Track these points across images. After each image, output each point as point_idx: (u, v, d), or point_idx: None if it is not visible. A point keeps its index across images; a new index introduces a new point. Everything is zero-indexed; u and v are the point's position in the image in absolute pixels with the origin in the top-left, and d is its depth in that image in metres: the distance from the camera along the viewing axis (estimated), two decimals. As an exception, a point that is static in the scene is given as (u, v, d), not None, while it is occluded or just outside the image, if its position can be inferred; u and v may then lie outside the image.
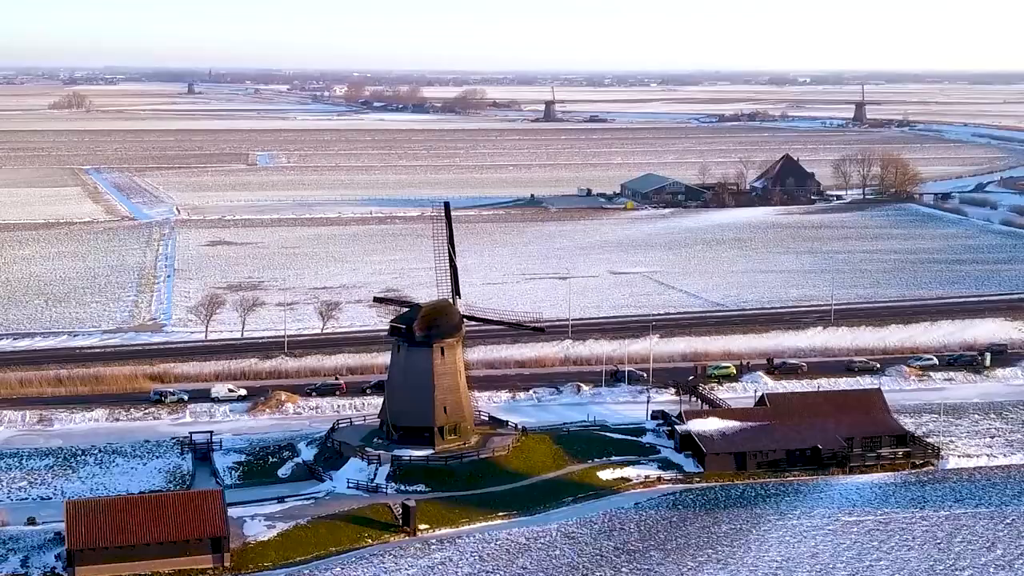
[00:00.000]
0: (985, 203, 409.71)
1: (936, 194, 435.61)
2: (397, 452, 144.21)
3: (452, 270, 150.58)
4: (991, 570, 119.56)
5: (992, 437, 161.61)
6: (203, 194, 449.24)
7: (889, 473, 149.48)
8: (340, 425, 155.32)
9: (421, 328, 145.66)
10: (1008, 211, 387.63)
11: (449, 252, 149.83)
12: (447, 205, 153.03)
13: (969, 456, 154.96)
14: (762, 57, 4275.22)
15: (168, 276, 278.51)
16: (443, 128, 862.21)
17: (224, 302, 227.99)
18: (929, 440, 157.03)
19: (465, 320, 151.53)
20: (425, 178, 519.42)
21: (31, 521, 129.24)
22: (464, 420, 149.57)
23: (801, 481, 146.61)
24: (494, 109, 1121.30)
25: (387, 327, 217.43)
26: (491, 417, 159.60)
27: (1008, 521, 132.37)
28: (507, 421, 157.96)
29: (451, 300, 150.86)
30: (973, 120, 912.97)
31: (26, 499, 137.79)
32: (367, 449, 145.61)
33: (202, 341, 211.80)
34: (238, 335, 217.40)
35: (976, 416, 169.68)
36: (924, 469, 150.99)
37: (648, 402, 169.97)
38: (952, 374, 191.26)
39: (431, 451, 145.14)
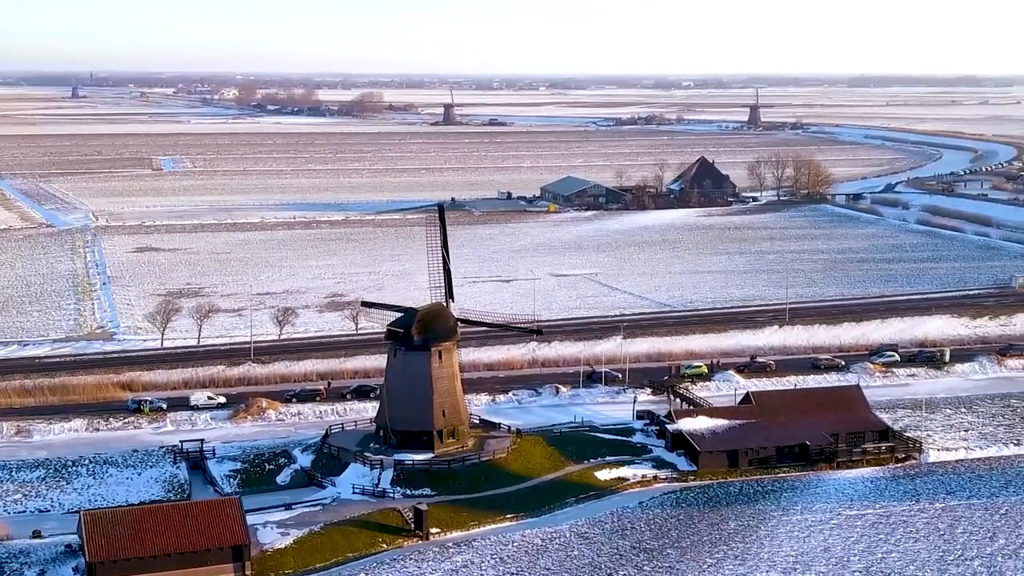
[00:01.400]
0: (897, 203, 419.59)
1: (848, 195, 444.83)
2: (397, 456, 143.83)
3: (446, 273, 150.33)
4: (999, 559, 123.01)
5: (966, 431, 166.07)
6: (115, 200, 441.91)
7: (875, 468, 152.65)
8: (333, 430, 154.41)
9: (419, 332, 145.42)
10: (921, 211, 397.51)
11: (443, 255, 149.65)
12: (441, 208, 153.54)
13: (948, 449, 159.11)
14: (644, 61, 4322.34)
15: (104, 283, 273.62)
16: (344, 131, 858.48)
17: (180, 309, 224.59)
18: (908, 435, 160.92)
19: (459, 323, 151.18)
20: (338, 182, 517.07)
21: (36, 534, 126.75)
22: (461, 423, 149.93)
23: (793, 477, 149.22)
24: (391, 112, 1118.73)
25: (341, 333, 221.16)
26: (482, 420, 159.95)
27: (1003, 512, 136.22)
28: (499, 423, 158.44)
29: (444, 303, 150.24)
30: (859, 122, 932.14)
31: (24, 512, 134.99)
32: (367, 454, 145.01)
33: (162, 349, 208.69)
34: (193, 342, 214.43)
35: (947, 411, 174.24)
36: (907, 463, 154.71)
37: (634, 402, 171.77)
38: (914, 370, 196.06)
39: (431, 455, 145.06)
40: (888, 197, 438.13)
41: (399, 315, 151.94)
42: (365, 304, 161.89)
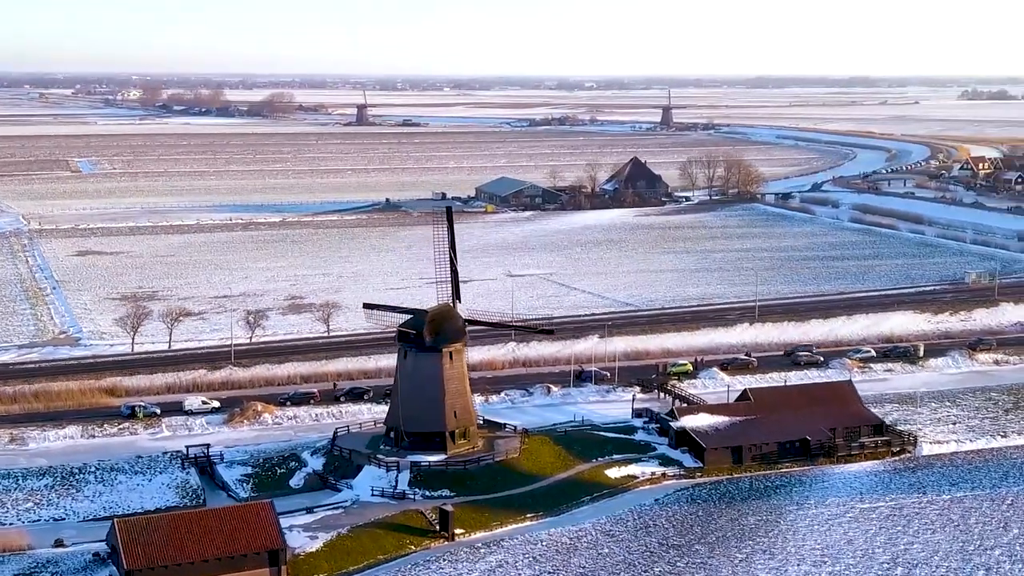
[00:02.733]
0: (826, 202, 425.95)
1: (777, 194, 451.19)
2: (413, 458, 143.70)
3: (453, 274, 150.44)
4: (1018, 548, 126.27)
5: (954, 424, 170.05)
6: (41, 203, 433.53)
7: (873, 462, 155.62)
8: (339, 433, 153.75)
9: (430, 333, 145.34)
10: (852, 209, 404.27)
11: (450, 256, 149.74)
12: (449, 210, 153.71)
13: (940, 443, 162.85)
14: (544, 62, 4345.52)
15: (54, 288, 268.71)
16: (258, 132, 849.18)
17: (150, 313, 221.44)
18: (899, 429, 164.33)
19: (467, 324, 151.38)
20: (264, 183, 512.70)
21: (59, 543, 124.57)
22: (471, 424, 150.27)
23: (797, 472, 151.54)
24: (302, 113, 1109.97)
25: (314, 335, 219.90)
26: (486, 420, 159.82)
27: (1008, 502, 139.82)
28: (504, 424, 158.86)
29: (451, 304, 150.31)
30: (767, 123, 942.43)
31: (38, 520, 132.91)
32: (380, 456, 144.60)
33: (134, 354, 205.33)
34: (162, 347, 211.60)
35: (933, 405, 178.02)
36: (903, 457, 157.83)
37: (634, 400, 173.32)
38: (891, 365, 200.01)
39: (443, 456, 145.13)
40: (817, 196, 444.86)
41: (405, 317, 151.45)
42: (368, 306, 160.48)
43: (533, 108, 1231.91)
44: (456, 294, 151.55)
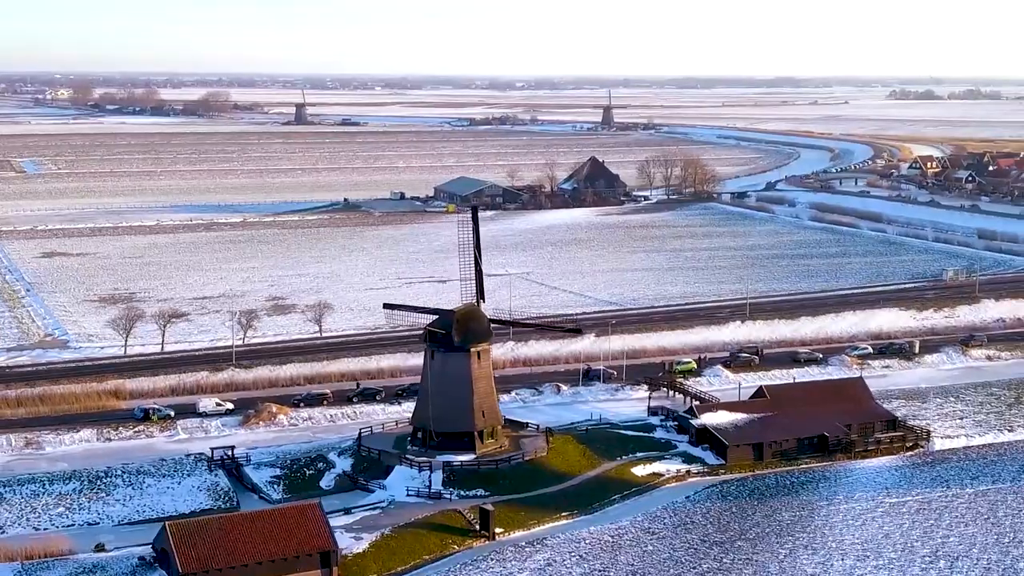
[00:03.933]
0: (782, 200, 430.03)
1: (733, 193, 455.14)
2: (444, 458, 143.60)
3: (478, 274, 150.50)
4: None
5: (961, 419, 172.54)
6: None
7: (890, 457, 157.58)
8: (363, 433, 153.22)
9: (459, 333, 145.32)
10: (809, 208, 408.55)
11: (475, 256, 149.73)
12: (475, 209, 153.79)
13: (951, 437, 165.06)
14: (473, 62, 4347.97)
15: (28, 290, 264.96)
16: (198, 131, 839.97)
17: (143, 315, 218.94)
18: (911, 424, 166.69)
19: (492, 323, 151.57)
20: (215, 183, 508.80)
21: (100, 547, 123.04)
22: (498, 423, 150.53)
23: (818, 468, 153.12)
24: (239, 112, 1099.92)
25: (308, 336, 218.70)
26: (507, 419, 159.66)
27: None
28: (527, 423, 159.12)
29: (476, 304, 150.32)
30: (703, 122, 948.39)
31: (72, 525, 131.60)
32: (409, 457, 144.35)
33: (134, 356, 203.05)
34: (154, 349, 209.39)
35: (937, 400, 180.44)
36: (917, 452, 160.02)
37: (649, 399, 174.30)
38: (888, 362, 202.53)
39: (472, 455, 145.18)
40: (773, 195, 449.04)
41: (425, 317, 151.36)
42: (388, 306, 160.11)
43: (469, 108, 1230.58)
44: (480, 294, 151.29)
